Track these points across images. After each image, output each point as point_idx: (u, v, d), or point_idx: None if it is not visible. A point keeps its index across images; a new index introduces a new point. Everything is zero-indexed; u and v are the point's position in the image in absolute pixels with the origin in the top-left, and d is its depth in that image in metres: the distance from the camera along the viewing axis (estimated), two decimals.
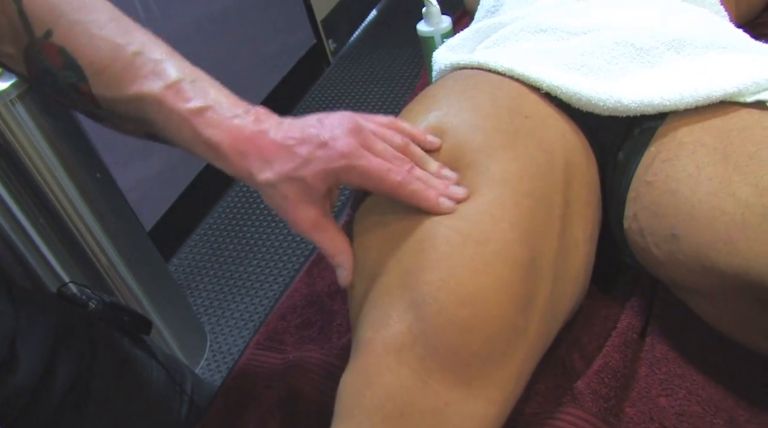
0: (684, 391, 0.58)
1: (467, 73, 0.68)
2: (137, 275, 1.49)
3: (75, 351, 0.71)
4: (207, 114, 0.53)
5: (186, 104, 0.53)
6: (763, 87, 0.57)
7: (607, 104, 0.61)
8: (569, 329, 0.66)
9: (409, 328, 0.50)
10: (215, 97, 0.54)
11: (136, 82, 0.53)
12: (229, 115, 0.53)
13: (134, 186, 1.74)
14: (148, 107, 0.53)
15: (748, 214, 0.52)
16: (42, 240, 1.31)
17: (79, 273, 1.39)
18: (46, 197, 1.28)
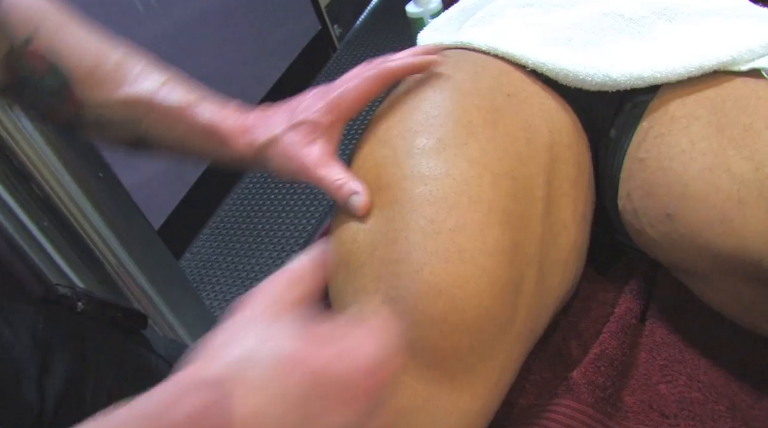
0: (685, 377, 0.56)
1: (450, 53, 0.65)
2: (147, 273, 1.49)
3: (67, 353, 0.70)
4: (202, 104, 0.56)
5: (180, 99, 0.55)
6: (758, 54, 0.54)
7: (595, 79, 0.59)
8: (565, 314, 0.64)
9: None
10: (204, 93, 0.57)
11: (125, 85, 0.54)
12: (221, 103, 0.57)
13: (141, 184, 1.74)
14: (138, 109, 0.55)
15: (744, 190, 0.49)
16: (49, 243, 1.31)
17: (88, 274, 1.40)
18: (49, 199, 1.28)
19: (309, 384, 0.31)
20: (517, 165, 0.54)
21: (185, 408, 0.29)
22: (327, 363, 0.32)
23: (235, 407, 0.29)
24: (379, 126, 0.59)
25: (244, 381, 0.30)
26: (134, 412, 0.30)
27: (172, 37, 1.88)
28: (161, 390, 0.30)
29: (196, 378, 0.31)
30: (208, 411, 0.29)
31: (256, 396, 0.30)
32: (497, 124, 0.56)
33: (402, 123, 0.57)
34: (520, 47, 0.62)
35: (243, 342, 0.32)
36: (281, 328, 0.33)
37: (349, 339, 0.33)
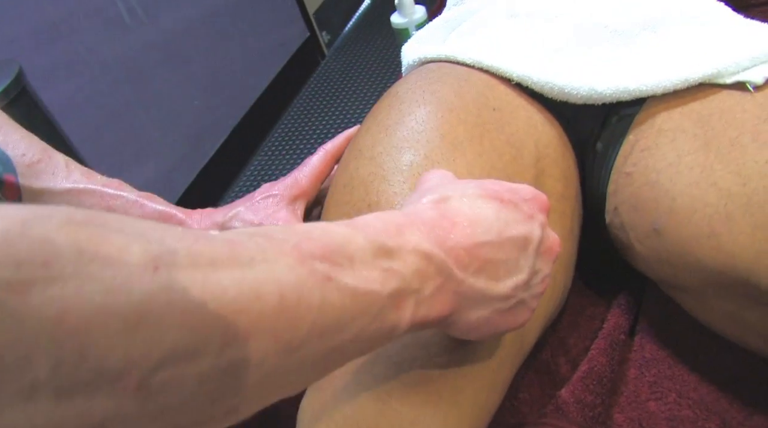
0: (674, 394, 0.55)
1: (433, 66, 0.64)
2: None
3: None
4: (155, 199, 0.61)
5: (132, 193, 0.60)
6: (743, 67, 0.54)
7: (580, 92, 0.58)
8: (553, 330, 0.63)
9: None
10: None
11: (71, 177, 0.58)
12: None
13: None
14: (84, 198, 0.58)
15: (731, 205, 0.49)
16: None
17: None
18: None
19: (500, 199, 0.40)
20: (506, 180, 0.53)
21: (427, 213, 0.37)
22: (508, 188, 0.42)
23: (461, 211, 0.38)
24: (363, 142, 0.58)
25: (461, 198, 0.39)
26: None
27: (159, 46, 1.86)
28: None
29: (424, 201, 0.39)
30: (442, 216, 0.37)
31: (470, 208, 0.38)
32: (483, 139, 0.55)
33: (387, 139, 0.56)
34: (504, 60, 0.61)
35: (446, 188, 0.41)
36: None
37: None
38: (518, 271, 0.39)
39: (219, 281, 0.25)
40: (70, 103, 1.49)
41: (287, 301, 0.27)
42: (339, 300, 0.29)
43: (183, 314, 0.23)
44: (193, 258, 0.25)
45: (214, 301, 0.24)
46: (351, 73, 2.22)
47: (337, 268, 0.30)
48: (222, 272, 0.25)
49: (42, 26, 1.46)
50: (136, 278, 0.22)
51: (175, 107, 1.87)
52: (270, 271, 0.27)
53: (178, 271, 0.24)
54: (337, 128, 1.97)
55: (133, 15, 1.80)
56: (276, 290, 0.27)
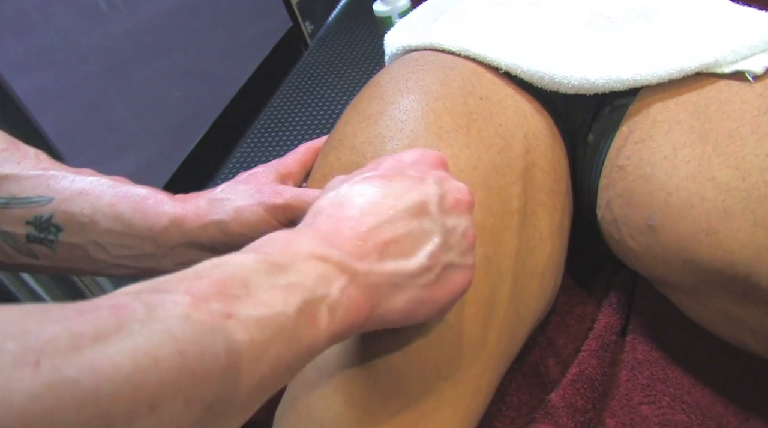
0: (668, 398, 0.53)
1: (417, 55, 0.61)
2: (119, 284, 1.43)
3: None
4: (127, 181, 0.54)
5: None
6: (742, 56, 0.51)
7: (572, 82, 0.55)
8: (542, 330, 0.61)
9: (342, 349, 0.44)
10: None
11: (40, 165, 0.52)
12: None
13: None
14: (52, 182, 0.51)
15: (730, 200, 0.46)
16: None
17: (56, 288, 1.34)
18: None
19: (383, 176, 0.38)
20: (492, 174, 0.51)
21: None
22: (390, 163, 0.40)
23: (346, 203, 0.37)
24: (344, 132, 0.55)
25: (346, 190, 0.38)
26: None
27: (138, 36, 1.82)
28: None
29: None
30: (328, 216, 0.36)
31: (354, 196, 0.37)
32: (470, 129, 0.52)
33: (370, 128, 0.53)
34: (492, 48, 0.59)
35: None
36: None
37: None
38: (427, 238, 0.37)
39: (109, 358, 0.22)
40: (45, 94, 1.45)
41: (189, 357, 0.25)
42: (246, 335, 0.27)
43: (77, 409, 0.21)
44: (76, 341, 0.22)
45: (109, 383, 0.22)
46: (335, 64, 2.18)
47: (234, 302, 0.28)
48: (111, 347, 0.23)
49: (14, 14, 1.41)
50: (16, 381, 0.20)
51: (154, 98, 1.82)
52: (164, 330, 0.24)
53: (62, 360, 0.21)
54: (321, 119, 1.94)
55: (110, 3, 1.76)
56: (174, 349, 0.24)
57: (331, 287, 0.32)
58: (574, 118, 0.60)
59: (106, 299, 0.25)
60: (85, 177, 0.51)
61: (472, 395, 0.47)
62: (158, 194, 0.52)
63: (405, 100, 0.54)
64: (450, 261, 0.38)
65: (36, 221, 0.49)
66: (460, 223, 0.38)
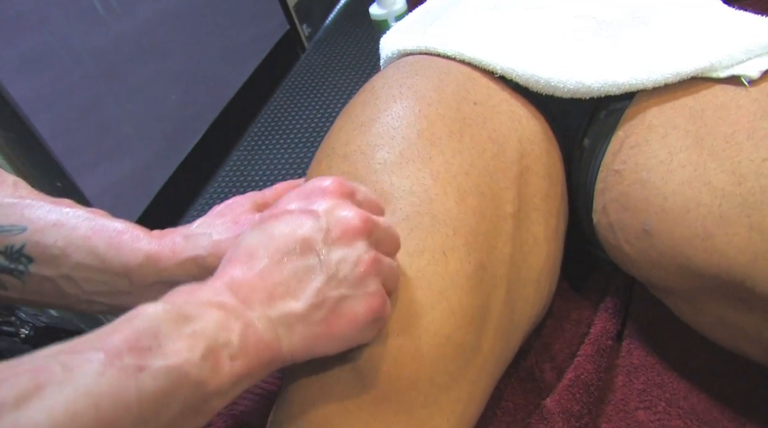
0: (664, 403, 0.52)
1: (412, 59, 0.61)
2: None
3: None
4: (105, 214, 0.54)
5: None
6: (738, 60, 0.51)
7: (567, 86, 0.55)
8: (538, 335, 0.61)
9: (337, 357, 0.44)
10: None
11: (17, 193, 0.51)
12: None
13: (103, 192, 1.67)
14: (27, 211, 0.50)
15: (726, 205, 0.46)
16: None
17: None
18: None
19: (271, 214, 0.39)
20: (486, 180, 0.50)
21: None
22: (283, 198, 0.41)
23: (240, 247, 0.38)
24: (337, 140, 0.55)
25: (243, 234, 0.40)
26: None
27: (134, 38, 1.81)
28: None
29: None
30: (227, 259, 0.38)
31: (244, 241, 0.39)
32: (463, 135, 0.52)
33: (362, 137, 0.53)
34: (487, 52, 0.58)
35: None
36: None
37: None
38: (311, 275, 0.37)
39: (29, 419, 0.25)
40: (40, 97, 1.44)
41: (103, 409, 0.27)
42: (155, 385, 0.29)
43: None
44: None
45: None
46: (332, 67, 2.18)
47: (146, 354, 0.30)
48: (31, 409, 0.25)
49: (10, 16, 1.41)
50: None
51: (150, 101, 1.82)
52: (80, 386, 0.27)
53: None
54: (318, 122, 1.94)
55: (107, 6, 1.75)
56: (90, 403, 0.27)
57: (231, 333, 0.33)
58: (569, 122, 0.60)
59: (27, 362, 0.28)
60: (61, 208, 0.50)
61: (467, 402, 0.46)
62: (134, 230, 0.50)
63: (398, 107, 0.54)
64: (341, 294, 0.37)
65: (7, 251, 0.47)
66: (349, 253, 0.38)
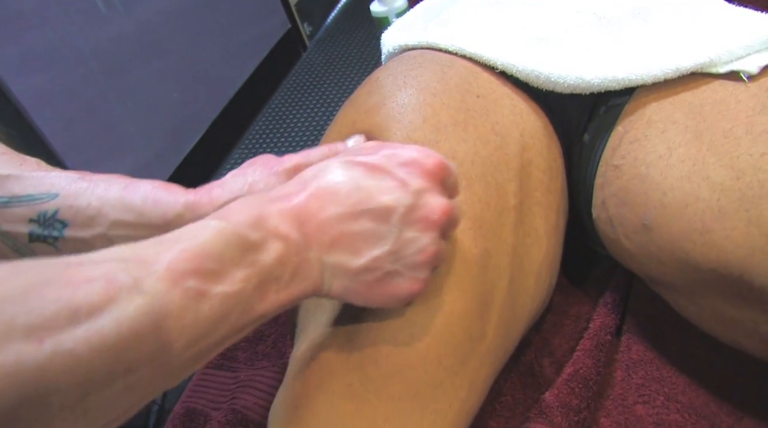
0: (662, 397, 0.53)
1: (414, 53, 0.61)
2: None
3: None
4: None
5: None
6: (737, 56, 0.51)
7: (567, 81, 0.55)
8: (537, 330, 0.61)
9: (345, 336, 0.45)
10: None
11: (41, 166, 0.50)
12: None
13: None
14: (56, 181, 0.49)
15: (724, 199, 0.46)
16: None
17: None
18: None
19: (368, 166, 0.39)
20: (490, 170, 0.51)
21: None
22: (385, 153, 0.40)
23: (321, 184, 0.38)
24: (344, 123, 0.55)
25: (326, 170, 0.39)
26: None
27: (136, 37, 1.82)
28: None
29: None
30: (300, 192, 0.38)
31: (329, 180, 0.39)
32: (467, 125, 0.52)
33: (369, 119, 0.53)
34: (488, 48, 0.59)
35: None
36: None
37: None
38: (378, 243, 0.38)
39: (99, 331, 0.26)
40: (42, 95, 1.44)
41: (164, 330, 0.29)
42: (211, 310, 0.31)
43: (71, 374, 0.25)
44: (73, 317, 0.26)
45: (98, 353, 0.26)
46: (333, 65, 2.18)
47: (208, 280, 0.31)
48: (101, 321, 0.27)
49: (12, 15, 1.41)
50: (25, 354, 0.24)
51: (152, 99, 1.82)
52: (146, 305, 0.28)
53: (62, 335, 0.25)
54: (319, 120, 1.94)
55: (108, 4, 1.76)
56: (153, 322, 0.28)
57: (286, 269, 0.35)
58: (569, 117, 0.60)
59: (98, 263, 0.29)
60: (90, 174, 0.50)
61: (469, 388, 0.47)
62: (169, 185, 0.50)
63: (403, 95, 0.54)
64: (395, 269, 0.39)
65: (40, 219, 0.47)
66: (419, 238, 0.39)
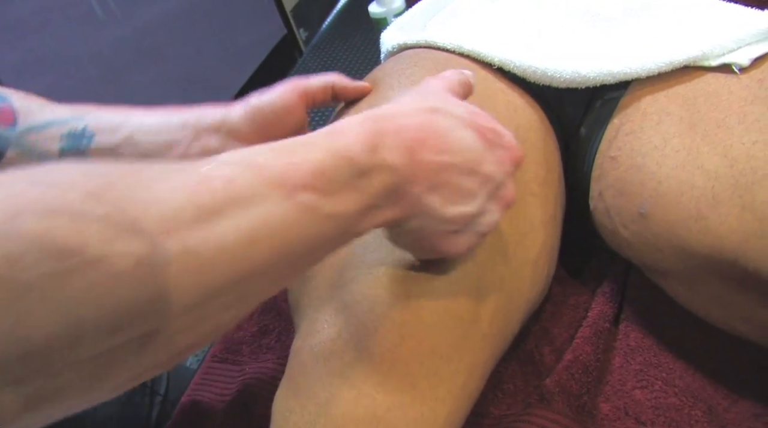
0: (660, 382, 0.54)
1: (411, 52, 0.63)
2: None
3: None
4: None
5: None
6: (728, 49, 0.53)
7: (563, 76, 0.57)
8: (537, 320, 0.62)
9: (338, 333, 0.46)
10: None
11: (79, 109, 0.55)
12: None
13: None
14: (100, 113, 0.55)
15: (719, 187, 0.48)
16: None
17: None
18: None
19: (482, 134, 0.41)
20: None
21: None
22: (493, 128, 0.43)
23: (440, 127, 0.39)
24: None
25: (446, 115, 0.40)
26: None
27: (133, 42, 1.83)
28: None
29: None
30: (419, 127, 0.38)
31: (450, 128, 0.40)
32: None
33: None
34: (485, 44, 0.60)
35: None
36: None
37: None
38: (470, 202, 0.40)
39: (220, 234, 0.27)
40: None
41: (276, 242, 0.29)
42: (317, 228, 0.32)
43: (195, 274, 0.25)
44: (197, 214, 0.26)
45: (220, 254, 0.27)
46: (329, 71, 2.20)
47: (319, 196, 0.32)
48: (223, 224, 0.27)
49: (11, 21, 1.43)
50: (156, 246, 0.24)
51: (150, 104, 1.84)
52: (264, 213, 0.29)
53: (188, 232, 0.26)
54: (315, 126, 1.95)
55: (106, 10, 1.77)
56: (268, 233, 0.29)
57: (388, 200, 0.37)
58: (566, 111, 0.61)
59: (221, 162, 0.30)
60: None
61: (467, 374, 0.48)
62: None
63: (396, 94, 0.56)
64: (463, 230, 0.42)
65: (70, 134, 0.52)
66: (493, 213, 0.42)
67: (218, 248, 0.26)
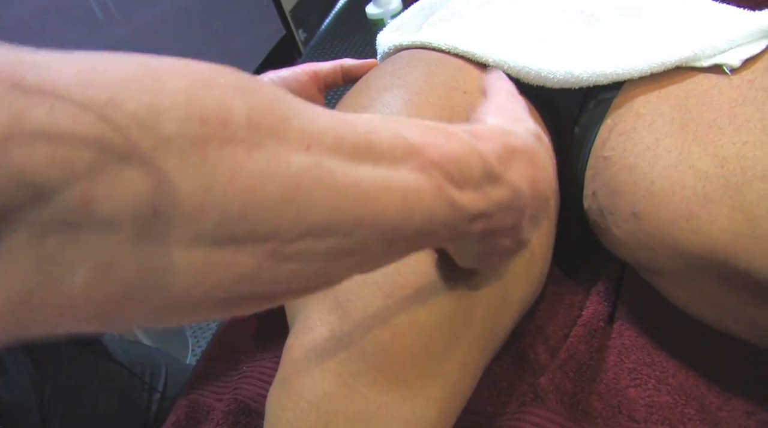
0: (654, 380, 0.54)
1: (405, 53, 0.63)
2: None
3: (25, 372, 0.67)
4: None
5: None
6: (720, 50, 0.53)
7: (557, 76, 0.57)
8: (531, 319, 0.62)
9: (331, 331, 0.46)
10: None
11: None
12: None
13: None
14: None
15: (709, 187, 0.48)
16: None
17: None
18: None
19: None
20: None
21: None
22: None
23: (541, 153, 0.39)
24: None
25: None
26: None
27: (133, 44, 1.83)
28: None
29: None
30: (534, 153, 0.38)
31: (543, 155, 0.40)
32: (452, 121, 0.54)
33: None
34: (480, 45, 0.61)
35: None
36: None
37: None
38: (514, 217, 0.39)
39: (357, 171, 0.27)
40: None
41: (406, 204, 0.29)
42: (438, 210, 0.31)
43: (326, 195, 0.25)
44: (338, 144, 0.26)
45: (352, 188, 0.26)
46: None
47: (450, 182, 0.31)
48: (360, 165, 0.27)
49: (10, 23, 1.43)
50: (293, 153, 0.24)
51: None
52: (398, 172, 0.29)
53: (325, 154, 0.26)
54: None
55: (106, 12, 1.78)
56: (401, 191, 0.29)
57: (498, 214, 0.36)
58: (560, 112, 0.62)
59: (364, 122, 0.29)
60: None
61: (459, 373, 0.48)
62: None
63: (388, 96, 0.56)
64: (509, 243, 0.40)
65: None
66: (530, 231, 0.41)
67: (352, 183, 0.26)
